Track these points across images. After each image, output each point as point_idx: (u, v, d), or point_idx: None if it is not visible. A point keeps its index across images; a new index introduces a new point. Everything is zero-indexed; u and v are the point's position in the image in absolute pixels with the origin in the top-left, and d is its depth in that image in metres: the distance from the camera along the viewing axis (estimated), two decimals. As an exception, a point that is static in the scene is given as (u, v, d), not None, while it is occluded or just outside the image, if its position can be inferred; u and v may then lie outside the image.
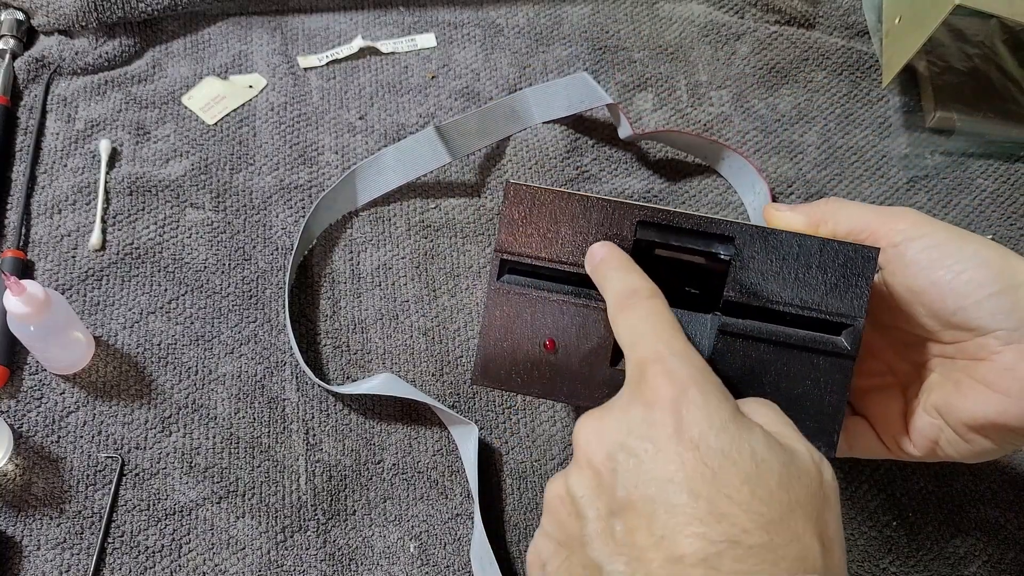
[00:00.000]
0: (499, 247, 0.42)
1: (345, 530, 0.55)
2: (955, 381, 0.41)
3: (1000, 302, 0.38)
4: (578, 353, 0.42)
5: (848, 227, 0.42)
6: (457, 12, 0.78)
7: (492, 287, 0.43)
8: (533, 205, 0.42)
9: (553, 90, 0.70)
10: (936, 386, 0.42)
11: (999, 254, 0.39)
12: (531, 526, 0.56)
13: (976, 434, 0.40)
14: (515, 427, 0.59)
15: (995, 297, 0.38)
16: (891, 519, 0.56)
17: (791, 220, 0.44)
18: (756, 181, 0.67)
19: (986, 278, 0.38)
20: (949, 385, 0.41)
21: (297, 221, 0.66)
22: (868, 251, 0.40)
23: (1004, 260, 0.39)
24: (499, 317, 0.43)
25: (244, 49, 0.74)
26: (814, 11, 0.80)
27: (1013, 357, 0.38)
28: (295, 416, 0.58)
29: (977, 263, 0.38)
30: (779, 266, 0.40)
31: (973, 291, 0.38)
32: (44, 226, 0.64)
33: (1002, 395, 0.38)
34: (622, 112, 0.68)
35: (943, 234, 0.39)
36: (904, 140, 0.73)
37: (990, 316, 0.38)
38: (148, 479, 0.56)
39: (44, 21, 0.73)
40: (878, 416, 0.45)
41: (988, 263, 0.38)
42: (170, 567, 0.53)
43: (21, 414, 0.57)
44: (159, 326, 0.61)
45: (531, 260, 0.42)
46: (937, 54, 0.75)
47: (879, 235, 0.41)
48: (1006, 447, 0.41)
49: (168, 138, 0.69)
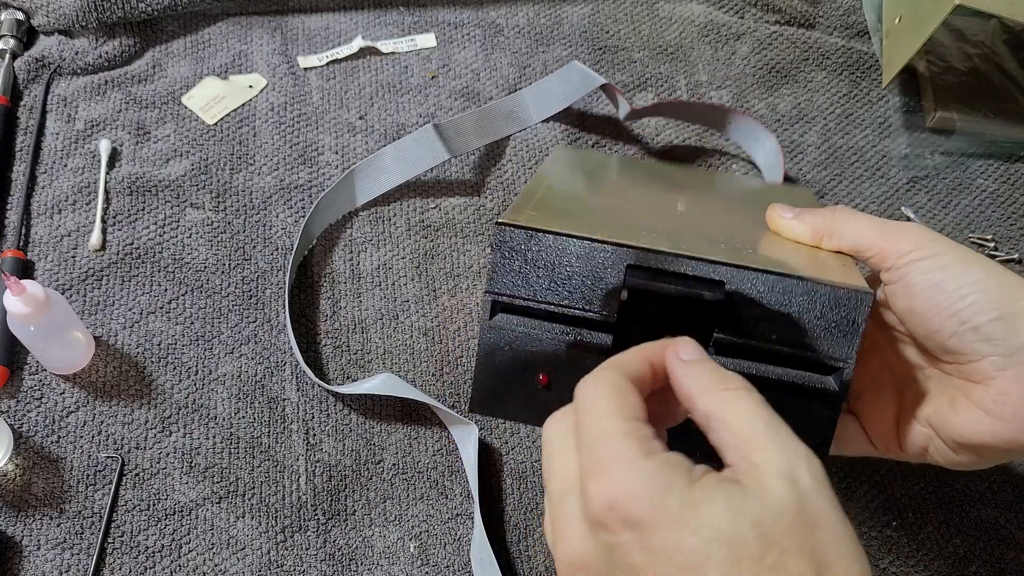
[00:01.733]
0: (489, 288, 0.41)
1: (345, 530, 0.55)
2: (950, 397, 0.41)
3: (996, 328, 0.38)
4: (572, 387, 0.38)
5: (853, 244, 0.42)
6: (457, 12, 0.78)
7: (484, 326, 0.42)
8: (522, 244, 0.41)
9: (548, 86, 0.70)
10: (931, 398, 0.42)
11: (999, 280, 0.39)
12: (531, 526, 0.56)
13: (966, 451, 0.41)
14: (515, 427, 0.59)
15: (992, 324, 0.38)
16: (891, 519, 0.56)
17: (795, 230, 0.44)
18: (764, 137, 0.68)
19: (985, 304, 0.38)
20: (944, 400, 0.41)
21: (297, 221, 0.66)
22: (862, 296, 0.38)
23: (1004, 286, 0.38)
24: (493, 354, 0.42)
25: (244, 49, 0.74)
26: (814, 11, 0.80)
27: (1007, 383, 0.38)
28: (295, 416, 0.58)
29: (977, 289, 0.38)
30: (770, 308, 0.39)
31: (971, 317, 0.38)
32: (44, 226, 0.64)
33: (995, 418, 0.39)
34: (618, 92, 0.68)
35: (946, 257, 0.39)
36: (904, 140, 0.73)
37: (986, 342, 0.38)
38: (148, 479, 0.56)
39: (44, 21, 0.73)
40: (870, 417, 0.45)
41: (988, 289, 0.38)
42: (170, 567, 0.53)
43: (21, 414, 0.57)
44: (159, 326, 0.61)
45: (522, 301, 0.41)
46: (937, 54, 0.75)
47: (884, 254, 0.41)
48: (994, 462, 0.41)
49: (168, 138, 0.69)
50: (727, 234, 0.45)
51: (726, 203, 0.56)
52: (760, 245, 0.44)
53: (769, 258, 0.41)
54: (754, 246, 0.43)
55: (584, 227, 0.40)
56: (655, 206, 0.50)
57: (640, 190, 0.57)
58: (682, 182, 0.60)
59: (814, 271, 0.40)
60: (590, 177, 0.58)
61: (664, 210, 0.49)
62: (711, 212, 0.51)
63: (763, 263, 0.39)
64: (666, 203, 0.50)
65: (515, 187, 0.68)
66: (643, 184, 0.59)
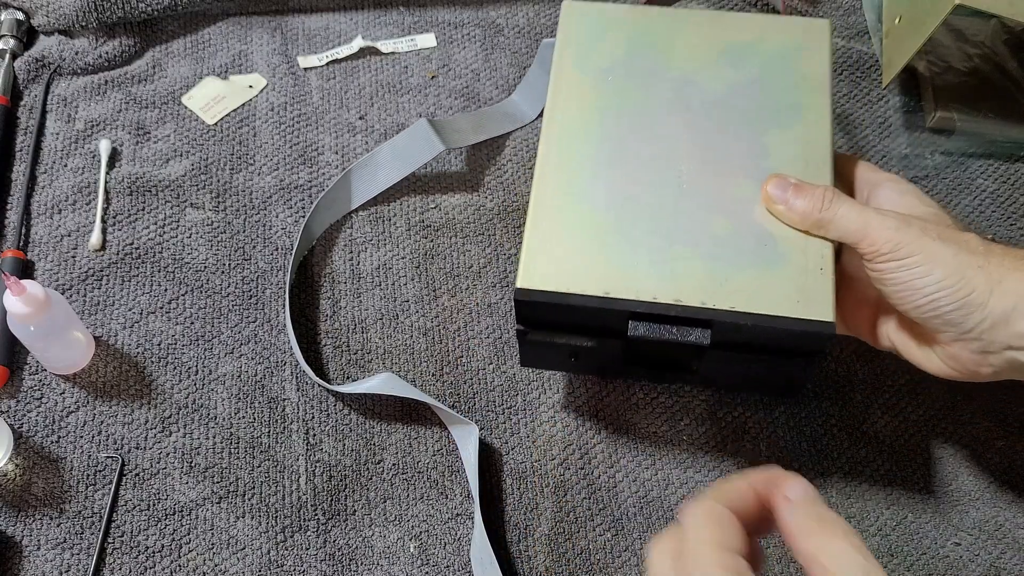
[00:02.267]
0: (519, 331, 0.51)
1: (345, 530, 0.55)
2: (915, 335, 0.50)
3: (953, 316, 0.45)
4: (593, 360, 0.53)
5: (837, 235, 0.48)
6: (457, 12, 0.78)
7: (521, 340, 0.52)
8: (542, 304, 0.49)
9: (534, 77, 0.70)
10: (897, 329, 0.51)
11: (959, 278, 0.44)
12: (531, 526, 0.56)
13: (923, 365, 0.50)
14: (515, 427, 0.59)
15: (950, 313, 0.45)
16: (891, 519, 0.56)
17: (786, 218, 0.50)
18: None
19: (946, 300, 0.45)
20: (907, 335, 0.50)
21: (297, 221, 0.66)
22: (824, 327, 0.46)
23: (962, 283, 0.44)
24: (529, 354, 0.54)
25: (244, 49, 0.74)
26: (814, 11, 0.80)
27: (957, 349, 0.47)
28: (295, 416, 0.58)
29: (941, 288, 0.45)
30: (748, 335, 0.48)
31: (934, 309, 0.45)
32: (44, 226, 0.64)
33: (945, 366, 0.48)
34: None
35: (917, 258, 0.45)
36: (904, 140, 0.73)
37: (945, 324, 0.46)
38: (148, 479, 0.56)
39: (44, 21, 0.73)
40: (848, 312, 0.53)
41: (950, 287, 0.44)
42: (170, 567, 0.53)
43: (21, 414, 0.57)
44: (159, 326, 0.61)
45: (544, 339, 0.51)
46: (937, 54, 0.75)
47: (865, 251, 0.47)
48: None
49: (168, 138, 0.69)
50: (726, 227, 0.50)
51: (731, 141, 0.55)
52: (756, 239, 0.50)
53: (751, 292, 0.48)
54: (752, 237, 0.50)
55: (595, 273, 0.49)
56: (659, 187, 0.52)
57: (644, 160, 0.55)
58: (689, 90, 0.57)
59: (791, 296, 0.47)
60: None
61: (667, 189, 0.52)
62: (713, 176, 0.53)
63: (745, 301, 0.47)
64: (669, 180, 0.53)
65: (515, 187, 0.68)
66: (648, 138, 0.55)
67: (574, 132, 0.54)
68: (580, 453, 0.58)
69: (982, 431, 0.60)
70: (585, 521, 0.56)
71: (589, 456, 0.58)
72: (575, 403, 0.60)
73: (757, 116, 0.54)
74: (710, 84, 0.55)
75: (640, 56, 0.57)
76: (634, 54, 0.57)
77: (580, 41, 0.58)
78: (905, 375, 0.62)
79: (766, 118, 0.54)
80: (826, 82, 0.55)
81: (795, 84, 0.55)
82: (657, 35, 0.58)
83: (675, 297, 0.48)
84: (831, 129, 0.54)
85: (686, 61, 0.57)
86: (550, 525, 0.56)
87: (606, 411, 0.59)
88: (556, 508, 0.56)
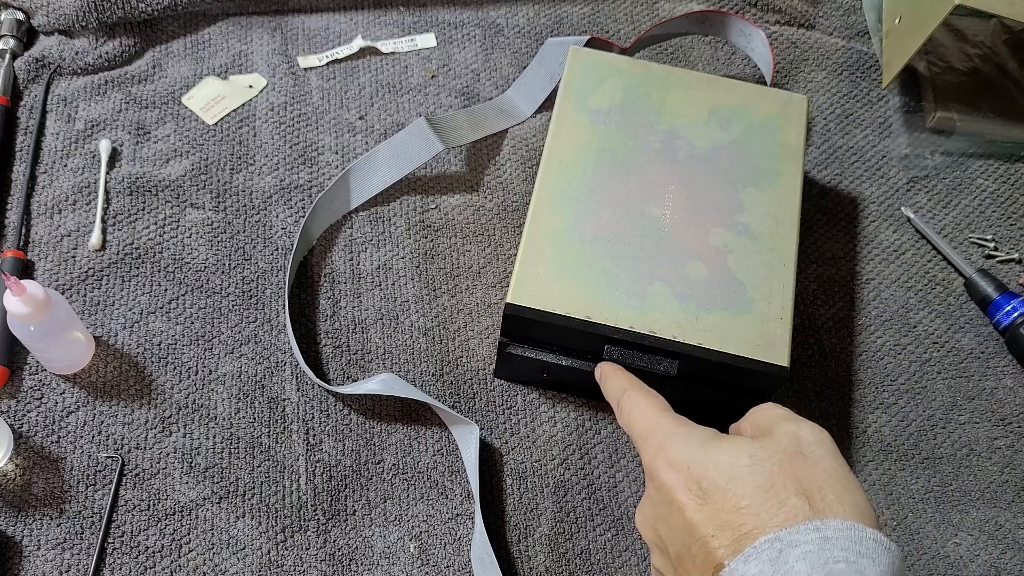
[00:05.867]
0: (501, 342, 0.56)
1: (345, 530, 0.55)
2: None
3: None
4: (563, 378, 0.58)
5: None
6: (457, 12, 0.78)
7: (500, 352, 0.57)
8: (528, 320, 0.53)
9: (530, 75, 0.70)
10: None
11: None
12: (531, 526, 0.56)
13: None
14: (515, 427, 0.59)
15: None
16: (891, 519, 0.56)
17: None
18: (752, 32, 0.72)
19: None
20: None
21: (297, 221, 0.66)
22: (778, 370, 0.52)
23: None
24: (505, 366, 0.59)
25: (244, 49, 0.74)
26: (814, 11, 0.80)
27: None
28: (295, 416, 0.58)
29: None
30: (711, 369, 0.52)
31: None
32: (44, 226, 0.64)
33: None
34: (606, 40, 0.69)
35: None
36: (904, 140, 0.73)
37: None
38: (148, 479, 0.56)
39: (44, 21, 0.73)
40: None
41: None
42: (170, 567, 0.53)
43: (21, 414, 0.57)
44: (159, 326, 0.61)
45: (523, 353, 0.55)
46: (937, 54, 0.75)
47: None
48: None
49: (168, 138, 0.69)
50: (700, 271, 0.55)
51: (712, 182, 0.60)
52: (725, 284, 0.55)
53: (718, 332, 0.53)
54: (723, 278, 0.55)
55: (579, 298, 0.53)
56: (643, 229, 0.57)
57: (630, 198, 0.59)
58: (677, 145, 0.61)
59: (753, 340, 0.52)
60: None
61: (651, 231, 0.57)
62: (692, 223, 0.58)
63: (712, 339, 0.52)
64: (653, 223, 0.58)
65: (514, 187, 0.68)
66: (635, 181, 0.59)
67: (570, 169, 0.59)
68: (580, 453, 0.58)
69: (982, 431, 0.60)
70: (585, 521, 0.56)
71: (589, 456, 0.58)
72: (575, 403, 0.60)
73: (737, 174, 0.59)
74: (696, 140, 0.61)
75: (635, 106, 0.63)
76: (629, 103, 0.63)
77: (582, 84, 0.63)
78: (905, 375, 0.62)
79: (744, 177, 0.59)
80: (800, 152, 0.61)
81: (773, 151, 0.61)
82: (652, 88, 0.64)
83: (650, 329, 0.52)
84: (801, 194, 0.59)
85: (676, 116, 0.62)
86: (550, 525, 0.56)
87: (606, 411, 0.59)
88: (556, 508, 0.56)
